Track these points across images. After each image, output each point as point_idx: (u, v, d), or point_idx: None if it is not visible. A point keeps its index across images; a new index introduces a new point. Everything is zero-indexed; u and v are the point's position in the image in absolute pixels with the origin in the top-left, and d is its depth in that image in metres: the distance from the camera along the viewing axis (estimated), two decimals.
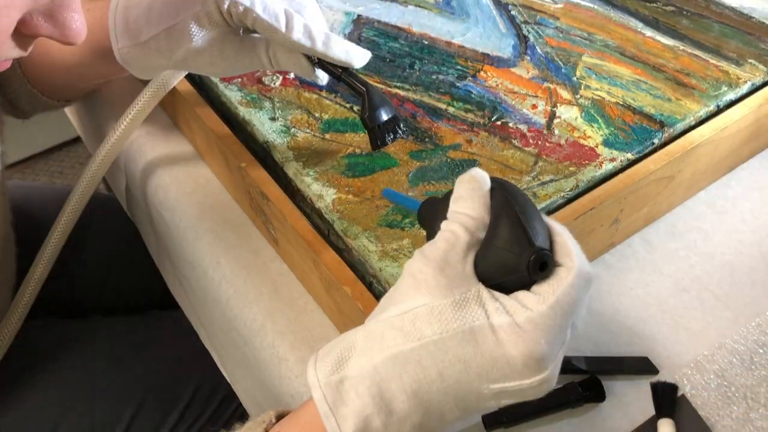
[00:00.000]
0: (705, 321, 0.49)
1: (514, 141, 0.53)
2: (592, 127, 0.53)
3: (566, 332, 0.34)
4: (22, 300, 0.58)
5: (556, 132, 0.53)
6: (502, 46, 0.61)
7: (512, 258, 0.34)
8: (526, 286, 0.35)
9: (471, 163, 0.51)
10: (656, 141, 0.52)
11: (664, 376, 0.46)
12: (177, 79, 0.56)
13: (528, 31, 0.62)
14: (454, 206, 0.37)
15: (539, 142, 0.52)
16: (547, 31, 0.62)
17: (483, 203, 0.36)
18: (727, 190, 0.57)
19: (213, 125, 0.55)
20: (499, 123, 0.54)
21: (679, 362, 0.47)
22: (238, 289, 0.52)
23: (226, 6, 0.45)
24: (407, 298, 0.35)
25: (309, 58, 0.47)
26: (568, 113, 0.54)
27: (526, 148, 0.52)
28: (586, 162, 0.51)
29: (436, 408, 0.35)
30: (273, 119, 0.55)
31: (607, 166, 0.50)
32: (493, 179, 0.37)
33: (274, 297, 0.51)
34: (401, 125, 0.47)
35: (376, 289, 0.45)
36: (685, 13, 0.63)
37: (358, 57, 0.46)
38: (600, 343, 0.48)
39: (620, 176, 0.50)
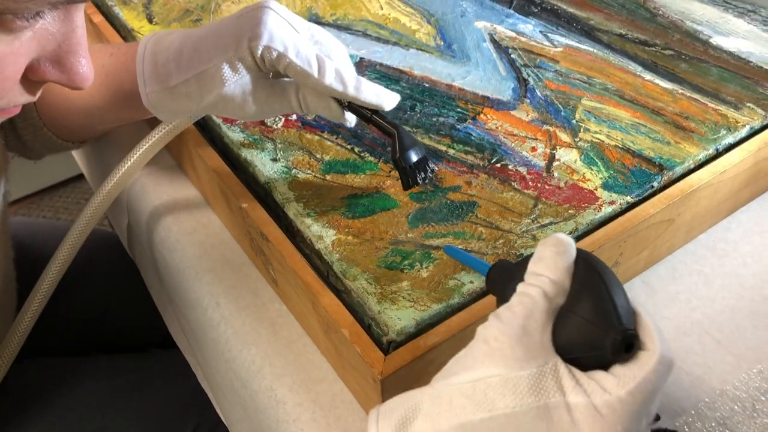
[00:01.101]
0: (706, 366, 0.48)
1: (513, 183, 0.53)
2: (592, 170, 0.53)
3: (642, 420, 0.33)
4: (17, 333, 0.58)
5: (556, 175, 0.53)
6: (502, 89, 0.61)
7: (597, 333, 0.32)
8: (605, 365, 0.33)
9: (471, 204, 0.51)
10: (656, 184, 0.52)
11: (665, 423, 0.45)
12: (188, 123, 0.56)
13: (528, 74, 0.63)
14: (534, 267, 0.35)
15: (539, 185, 0.53)
16: (546, 74, 0.63)
17: (566, 268, 0.34)
18: (728, 233, 0.57)
19: (215, 165, 0.56)
20: (498, 165, 0.54)
21: (680, 408, 0.46)
22: (237, 330, 0.52)
23: (259, 52, 0.46)
24: (480, 366, 0.34)
25: (339, 101, 0.48)
26: (568, 156, 0.55)
27: (526, 191, 0.52)
28: (586, 205, 0.51)
29: None
30: (275, 160, 0.56)
31: (607, 209, 0.50)
32: (577, 249, 0.36)
33: (272, 338, 0.51)
34: (431, 165, 0.49)
35: (374, 331, 0.45)
36: (683, 57, 0.64)
37: (388, 99, 0.48)
38: None
39: (620, 219, 0.50)
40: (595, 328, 0.33)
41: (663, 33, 0.67)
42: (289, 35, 0.46)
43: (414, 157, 0.48)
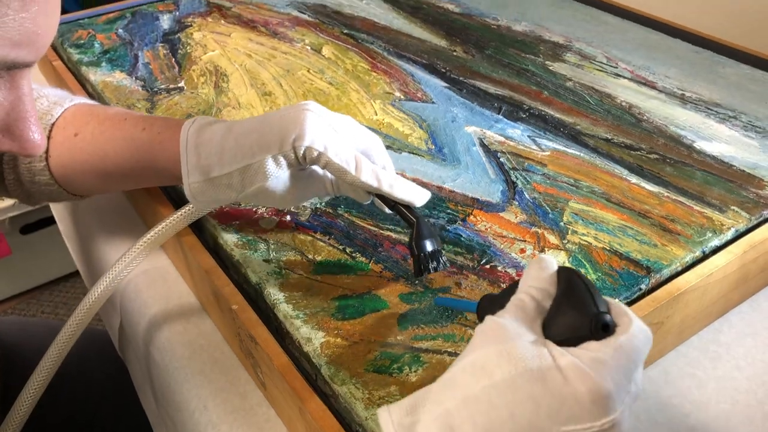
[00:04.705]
0: None
1: (503, 285, 0.53)
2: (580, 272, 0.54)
3: (631, 382, 0.35)
4: None
5: None
6: (491, 191, 0.63)
7: (578, 318, 0.37)
8: None
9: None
10: (643, 287, 0.52)
11: None
12: (183, 226, 0.57)
13: (516, 177, 0.64)
14: (522, 282, 0.40)
15: None
16: (534, 177, 0.64)
17: (549, 278, 0.39)
18: (720, 336, 0.56)
19: (207, 266, 0.56)
20: (488, 266, 0.55)
21: None
22: None
23: (302, 151, 0.50)
24: (477, 349, 0.37)
25: None
26: (556, 258, 0.55)
27: None
28: None
29: None
30: (267, 261, 0.56)
31: None
32: (560, 266, 0.41)
33: None
34: (444, 258, 0.51)
35: None
36: (668, 160, 0.66)
37: (419, 197, 0.52)
38: None
39: None
40: (576, 313, 0.37)
41: (648, 137, 0.69)
42: (329, 135, 0.50)
43: (429, 247, 0.50)
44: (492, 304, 0.42)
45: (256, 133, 0.51)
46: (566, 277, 0.39)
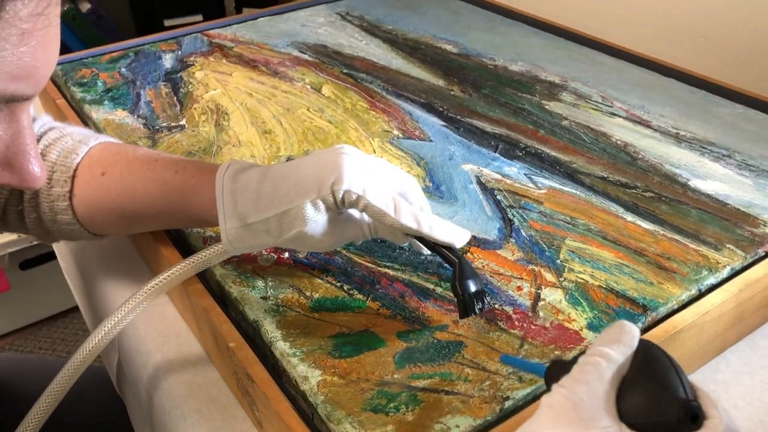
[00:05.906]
0: None
1: (499, 323, 0.53)
2: (576, 310, 0.54)
3: None
4: None
5: (541, 314, 0.54)
6: (488, 228, 0.63)
7: (665, 402, 0.34)
8: None
9: (457, 344, 0.52)
10: (640, 325, 0.53)
11: None
12: (191, 274, 0.56)
13: (513, 214, 0.65)
14: (597, 343, 0.37)
15: (524, 325, 0.53)
16: (531, 215, 0.65)
17: (628, 347, 0.36)
18: (717, 374, 0.56)
19: (205, 304, 0.57)
20: None
21: None
22: None
23: (341, 195, 0.49)
24: (545, 430, 0.34)
25: None
26: (553, 296, 0.55)
27: (512, 331, 0.53)
28: (571, 346, 0.51)
29: None
30: (264, 298, 0.56)
31: None
32: (640, 340, 0.38)
33: None
34: (488, 298, 0.51)
35: None
36: (663, 199, 0.67)
37: (459, 237, 0.51)
38: None
39: None
40: (663, 394, 0.34)
41: (643, 176, 0.70)
42: (367, 178, 0.50)
43: (473, 287, 0.49)
44: (563, 371, 0.38)
45: (292, 178, 0.51)
46: (646, 348, 0.37)
